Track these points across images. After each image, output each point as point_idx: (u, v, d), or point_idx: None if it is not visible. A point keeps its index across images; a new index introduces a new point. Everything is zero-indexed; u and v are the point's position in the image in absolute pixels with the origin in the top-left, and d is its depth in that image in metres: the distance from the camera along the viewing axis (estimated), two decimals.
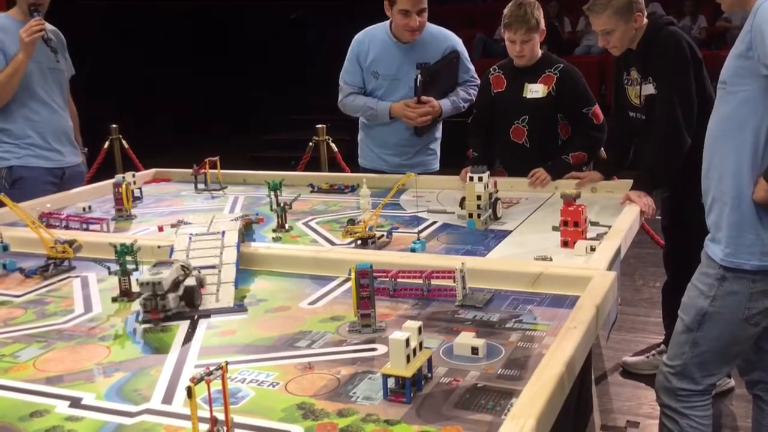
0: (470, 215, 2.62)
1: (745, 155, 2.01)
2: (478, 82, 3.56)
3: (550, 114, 3.21)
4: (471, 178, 2.60)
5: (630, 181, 2.90)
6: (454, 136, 3.99)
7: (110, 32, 9.37)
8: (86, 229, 2.74)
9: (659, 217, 3.26)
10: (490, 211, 2.67)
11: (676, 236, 3.32)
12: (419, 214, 2.85)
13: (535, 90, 3.19)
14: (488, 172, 2.63)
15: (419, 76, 3.29)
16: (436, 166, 3.67)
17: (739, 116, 2.01)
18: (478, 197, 2.59)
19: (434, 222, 2.73)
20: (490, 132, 3.35)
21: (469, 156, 3.35)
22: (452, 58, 3.46)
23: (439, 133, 3.65)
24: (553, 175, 3.12)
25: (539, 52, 3.22)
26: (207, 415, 1.26)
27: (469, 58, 3.60)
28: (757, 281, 2.06)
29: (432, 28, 3.48)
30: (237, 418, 1.34)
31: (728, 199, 2.05)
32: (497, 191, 2.73)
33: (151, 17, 9.82)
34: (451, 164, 3.63)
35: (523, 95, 3.21)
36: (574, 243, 2.29)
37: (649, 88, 2.90)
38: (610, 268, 2.02)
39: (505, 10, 3.15)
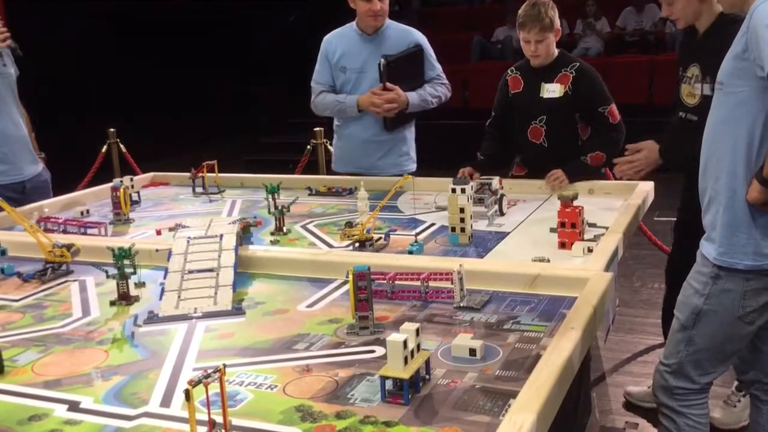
0: (452, 229, 2.45)
1: (740, 156, 2.01)
2: (447, 82, 3.61)
3: (568, 114, 3.16)
4: (453, 190, 2.44)
5: (630, 182, 2.88)
6: (431, 138, 4.03)
7: (109, 36, 9.37)
8: (84, 233, 2.74)
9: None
10: (496, 207, 2.74)
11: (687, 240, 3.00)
12: (417, 216, 2.85)
13: (552, 90, 3.14)
14: (471, 184, 2.50)
15: (383, 60, 3.35)
16: (412, 168, 3.67)
17: (735, 117, 2.01)
18: (461, 210, 2.42)
19: (432, 224, 2.73)
20: (504, 135, 3.33)
21: (477, 158, 3.33)
22: (416, 50, 3.53)
23: (411, 134, 3.67)
24: (570, 177, 3.07)
25: (555, 52, 3.17)
26: (205, 418, 1.27)
27: (435, 57, 3.62)
28: (751, 280, 2.06)
29: (397, 25, 3.57)
30: (235, 421, 1.35)
31: (723, 198, 2.06)
32: (502, 188, 2.79)
33: (149, 20, 9.82)
34: (431, 166, 3.71)
35: (540, 95, 3.16)
36: (572, 244, 2.30)
37: (707, 89, 2.62)
38: (607, 269, 2.03)
39: (520, 10, 3.13)
